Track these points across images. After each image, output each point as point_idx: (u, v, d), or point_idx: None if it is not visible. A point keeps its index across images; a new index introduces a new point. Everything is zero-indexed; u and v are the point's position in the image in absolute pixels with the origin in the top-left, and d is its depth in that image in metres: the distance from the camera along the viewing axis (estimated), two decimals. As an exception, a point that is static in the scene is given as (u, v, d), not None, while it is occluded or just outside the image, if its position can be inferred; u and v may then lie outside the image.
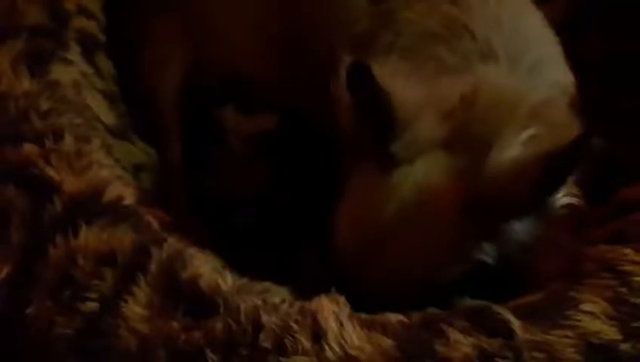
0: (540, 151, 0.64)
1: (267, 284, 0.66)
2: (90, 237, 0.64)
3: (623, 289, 0.61)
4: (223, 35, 0.87)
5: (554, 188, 0.64)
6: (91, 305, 0.61)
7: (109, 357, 0.59)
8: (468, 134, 0.68)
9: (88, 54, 0.81)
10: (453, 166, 0.67)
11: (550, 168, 0.62)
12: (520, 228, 0.66)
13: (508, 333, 0.59)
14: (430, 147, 0.68)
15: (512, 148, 0.66)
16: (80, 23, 0.82)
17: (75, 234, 0.64)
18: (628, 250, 0.64)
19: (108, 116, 0.81)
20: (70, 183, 0.67)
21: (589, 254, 0.66)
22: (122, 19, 0.87)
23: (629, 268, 0.63)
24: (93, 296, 0.61)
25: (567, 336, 0.59)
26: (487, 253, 0.67)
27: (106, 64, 0.84)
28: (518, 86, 0.73)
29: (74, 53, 0.79)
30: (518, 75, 0.75)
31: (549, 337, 0.59)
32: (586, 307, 0.61)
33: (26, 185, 0.68)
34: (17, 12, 0.79)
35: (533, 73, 0.76)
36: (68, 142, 0.70)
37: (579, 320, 0.60)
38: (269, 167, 0.87)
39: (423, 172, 0.67)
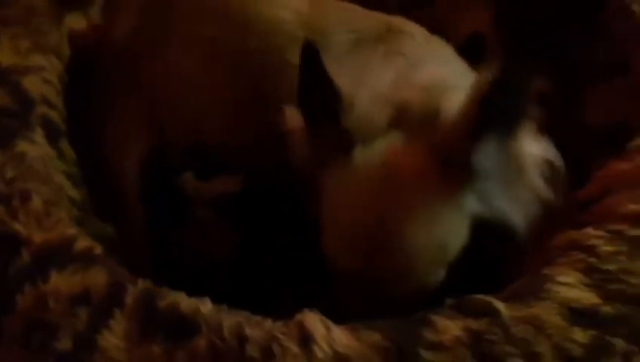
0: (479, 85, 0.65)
1: (247, 313, 0.64)
2: (61, 281, 0.63)
3: (592, 260, 0.63)
4: (188, 112, 0.90)
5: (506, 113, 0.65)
6: (65, 344, 0.59)
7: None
8: (411, 111, 0.70)
9: (52, 139, 0.83)
10: (408, 136, 0.69)
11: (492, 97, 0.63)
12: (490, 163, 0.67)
13: (493, 313, 0.60)
14: (381, 126, 0.70)
15: (459, 100, 0.68)
16: (43, 110, 0.84)
17: (45, 281, 0.63)
18: (589, 229, 0.67)
19: (72, 192, 0.81)
20: (39, 236, 0.67)
21: (557, 242, 0.69)
22: (85, 102, 0.89)
23: (593, 241, 0.65)
24: (67, 334, 0.59)
25: (549, 306, 0.60)
26: (472, 206, 0.68)
27: (68, 150, 0.86)
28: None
29: (38, 135, 0.81)
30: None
31: (533, 310, 0.60)
32: (562, 279, 0.62)
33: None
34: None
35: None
36: (36, 202, 0.70)
37: (558, 291, 0.61)
38: (233, 232, 0.87)
39: (383, 148, 0.69)
